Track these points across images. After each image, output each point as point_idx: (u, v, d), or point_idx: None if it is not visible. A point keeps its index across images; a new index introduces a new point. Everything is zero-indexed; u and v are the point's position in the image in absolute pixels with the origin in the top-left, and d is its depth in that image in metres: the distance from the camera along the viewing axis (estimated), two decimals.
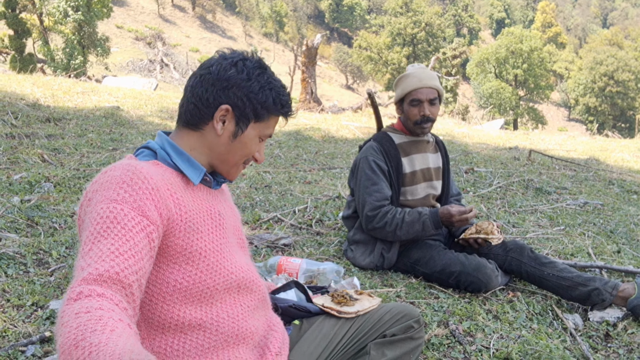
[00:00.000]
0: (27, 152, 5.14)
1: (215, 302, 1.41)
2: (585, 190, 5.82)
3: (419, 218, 2.86)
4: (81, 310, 0.99)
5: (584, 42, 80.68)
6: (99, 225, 1.18)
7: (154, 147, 1.45)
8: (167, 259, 1.34)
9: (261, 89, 1.44)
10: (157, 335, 1.36)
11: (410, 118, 2.98)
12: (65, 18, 27.70)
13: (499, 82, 45.83)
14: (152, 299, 1.34)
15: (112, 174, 1.29)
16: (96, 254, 1.13)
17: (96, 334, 0.93)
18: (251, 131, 1.46)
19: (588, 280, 2.72)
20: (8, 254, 2.77)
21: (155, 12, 62.64)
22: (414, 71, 2.97)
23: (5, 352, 1.97)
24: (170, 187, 1.36)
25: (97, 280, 1.08)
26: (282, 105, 1.48)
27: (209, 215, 1.44)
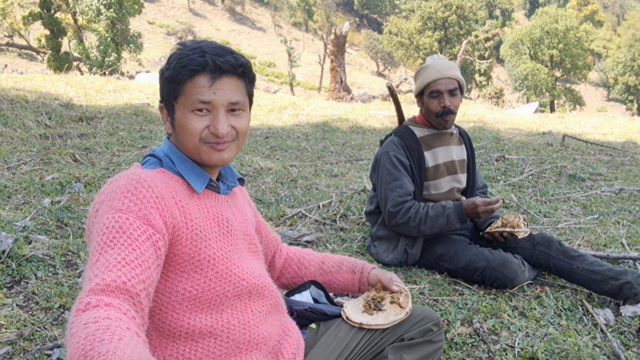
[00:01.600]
0: (59, 152, 5.25)
1: (226, 309, 1.41)
2: (621, 176, 5.64)
3: (443, 212, 2.81)
4: (89, 320, 1.00)
5: (622, 19, 77.93)
6: (105, 236, 1.19)
7: (159, 155, 1.45)
8: (175, 267, 1.34)
9: (168, 69, 1.38)
10: (169, 344, 1.36)
11: (431, 110, 2.92)
12: (98, 16, 28.14)
13: (534, 64, 44.72)
14: (161, 307, 1.34)
15: (118, 183, 1.29)
16: (103, 264, 1.14)
17: (104, 343, 0.93)
18: (179, 112, 1.38)
19: (620, 273, 2.63)
20: (38, 257, 2.83)
21: (186, 7, 63.20)
22: (432, 62, 2.91)
23: (32, 355, 2.03)
24: (176, 195, 1.35)
25: (104, 291, 1.09)
26: (184, 67, 1.34)
27: (216, 223, 1.43)
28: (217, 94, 1.36)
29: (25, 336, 2.15)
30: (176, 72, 1.35)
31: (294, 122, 8.72)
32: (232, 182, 1.57)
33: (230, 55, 1.38)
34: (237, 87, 1.40)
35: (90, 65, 27.35)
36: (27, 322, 2.26)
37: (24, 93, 7.87)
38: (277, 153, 6.23)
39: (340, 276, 1.84)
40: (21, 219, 3.31)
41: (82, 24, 29.89)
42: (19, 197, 3.80)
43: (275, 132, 7.71)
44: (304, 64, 49.97)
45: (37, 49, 33.91)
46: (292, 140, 7.05)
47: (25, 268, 2.71)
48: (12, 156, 5.04)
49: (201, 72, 1.34)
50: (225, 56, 1.37)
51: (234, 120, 1.41)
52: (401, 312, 1.70)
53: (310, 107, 9.87)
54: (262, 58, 53.95)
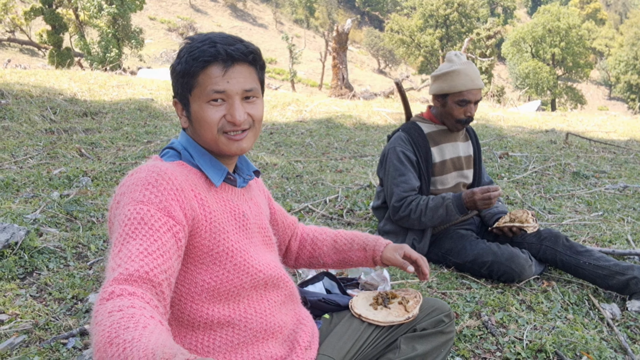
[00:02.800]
0: (65, 146, 5.28)
1: (243, 299, 1.43)
2: (625, 174, 5.66)
3: (442, 202, 2.83)
4: (114, 309, 1.02)
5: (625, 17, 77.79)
6: (127, 227, 1.21)
7: (178, 148, 1.47)
8: (194, 259, 1.36)
9: (179, 63, 1.39)
10: (188, 333, 1.39)
11: (453, 115, 2.93)
12: (99, 12, 28.14)
13: (536, 62, 44.64)
14: (181, 298, 1.37)
15: (138, 176, 1.32)
16: (126, 254, 1.16)
17: (129, 331, 0.96)
18: (194, 104, 1.39)
19: (626, 268, 2.65)
20: (49, 249, 2.86)
21: (187, 3, 63.13)
22: (464, 68, 2.86)
23: (48, 344, 2.06)
24: (195, 188, 1.37)
25: (127, 280, 1.11)
26: (195, 59, 1.36)
27: (233, 216, 1.45)
28: (231, 82, 1.37)
29: (40, 325, 2.18)
30: (188, 65, 1.37)
31: (298, 118, 8.74)
32: (248, 174, 1.59)
33: (240, 43, 1.40)
34: (249, 74, 1.41)
35: (91, 60, 27.35)
36: (42, 312, 2.29)
37: (28, 88, 7.88)
38: (282, 149, 6.25)
39: (353, 254, 1.82)
40: (31, 211, 3.34)
41: (83, 20, 29.89)
42: (28, 191, 3.83)
43: (279, 128, 7.73)
44: (305, 60, 49.94)
45: (38, 44, 33.90)
46: (296, 136, 7.07)
47: (37, 260, 2.74)
48: (19, 150, 5.06)
49: (213, 62, 1.36)
50: (235, 44, 1.38)
51: (249, 107, 1.42)
52: (403, 315, 1.70)
53: (314, 104, 9.88)
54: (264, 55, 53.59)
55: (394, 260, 1.75)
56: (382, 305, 1.78)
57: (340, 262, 1.85)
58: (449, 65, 2.92)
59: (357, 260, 1.83)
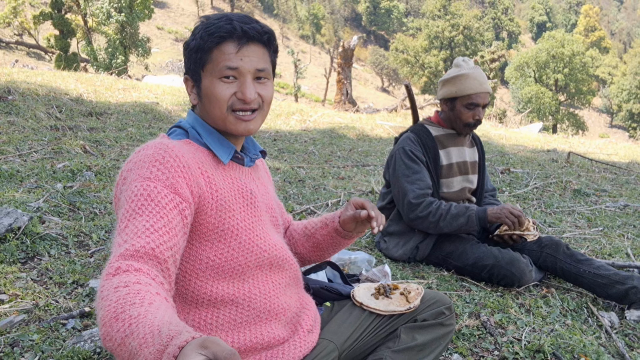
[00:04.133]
0: (70, 143, 5.30)
1: (247, 278, 1.43)
2: (626, 194, 5.68)
3: (465, 212, 2.82)
4: (120, 284, 1.03)
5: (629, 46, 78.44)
6: (133, 203, 1.22)
7: (185, 126, 1.47)
8: (200, 236, 1.37)
9: (194, 39, 1.40)
10: (192, 310, 1.39)
11: (462, 119, 2.95)
12: (108, 19, 28.39)
13: (539, 87, 44.89)
14: (185, 275, 1.37)
15: (145, 152, 1.32)
16: (132, 230, 1.17)
17: (135, 306, 0.96)
18: (206, 80, 1.40)
19: (626, 278, 2.66)
20: (51, 235, 2.87)
21: (195, 14, 63.64)
22: (473, 72, 2.90)
23: (47, 324, 2.06)
24: (202, 166, 1.38)
25: (134, 256, 1.12)
26: (211, 34, 1.36)
27: (241, 194, 1.45)
28: (244, 60, 1.38)
29: (40, 306, 2.18)
30: (203, 41, 1.38)
31: (301, 127, 8.78)
32: (255, 154, 1.59)
33: (256, 23, 1.41)
34: (263, 54, 1.42)
35: (97, 67, 27.53)
36: (42, 295, 2.30)
37: (34, 87, 7.93)
38: (285, 155, 6.28)
39: (319, 233, 1.77)
40: (34, 200, 3.35)
41: (91, 26, 30.14)
42: (32, 182, 3.84)
43: (282, 135, 7.76)
44: (309, 76, 50.22)
45: (45, 48, 34.18)
46: (299, 144, 7.10)
47: (39, 245, 2.75)
48: (24, 144, 5.08)
49: (228, 39, 1.37)
50: (251, 23, 1.39)
51: (260, 87, 1.43)
52: (404, 305, 1.71)
53: (318, 114, 9.93)
54: None
55: (349, 217, 1.68)
56: (383, 295, 1.79)
57: (313, 248, 1.80)
58: (457, 69, 2.96)
59: (324, 239, 1.77)
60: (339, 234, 1.74)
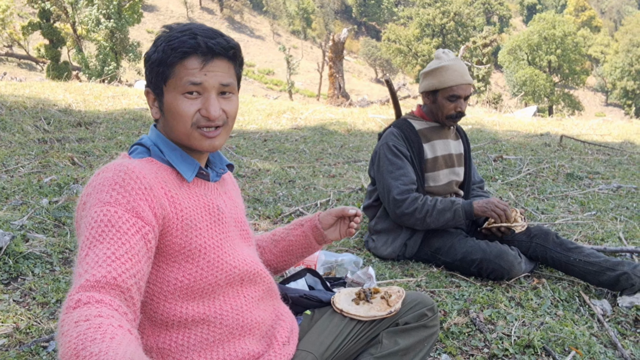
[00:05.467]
0: (57, 155, 5.26)
1: (218, 296, 1.40)
2: (619, 174, 5.65)
3: (451, 206, 2.80)
4: (80, 318, 0.98)
5: (620, 24, 78.17)
6: (93, 230, 1.17)
7: (147, 144, 1.43)
8: (166, 257, 1.33)
9: (155, 52, 1.35)
10: (162, 332, 1.36)
11: (444, 111, 2.93)
12: (97, 26, 28.30)
13: (532, 69, 44.84)
14: (153, 297, 1.33)
15: (105, 175, 1.27)
16: (92, 259, 1.12)
17: (96, 342, 0.92)
18: (168, 95, 1.36)
19: (616, 264, 2.63)
20: (35, 254, 2.84)
21: (184, 16, 63.47)
22: (453, 64, 2.88)
23: (28, 347, 2.03)
24: (165, 185, 1.34)
25: (94, 287, 1.07)
26: (174, 48, 1.32)
27: (207, 211, 1.41)
28: (208, 75, 1.34)
29: (21, 329, 2.15)
30: (166, 55, 1.33)
31: (292, 125, 8.74)
32: (221, 168, 1.55)
33: (221, 37, 1.37)
34: (228, 69, 1.38)
35: (89, 74, 27.47)
36: (24, 316, 2.26)
37: (22, 99, 7.89)
38: (275, 155, 6.24)
39: (291, 235, 1.77)
40: (18, 218, 3.31)
41: (81, 34, 30.06)
42: (17, 198, 3.80)
43: (273, 135, 7.72)
44: (302, 71, 50.10)
45: (36, 58, 34.09)
46: (290, 143, 7.07)
47: (23, 265, 2.72)
48: (11, 160, 5.05)
49: (192, 54, 1.33)
50: (216, 38, 1.36)
51: (224, 103, 1.39)
52: (385, 309, 1.68)
53: (309, 111, 9.89)
54: (261, 66, 54.09)
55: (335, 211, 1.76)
56: (364, 300, 1.76)
57: (282, 253, 1.79)
58: (438, 62, 2.93)
59: (297, 241, 1.78)
60: (315, 233, 1.76)
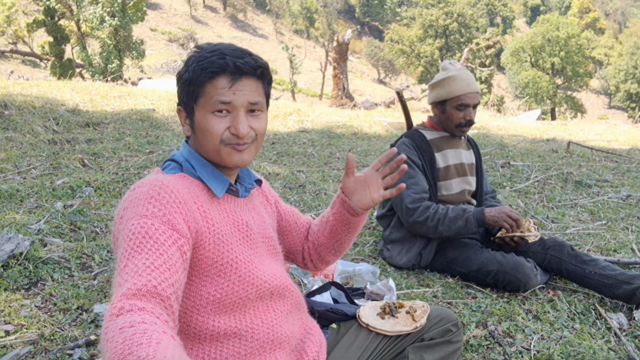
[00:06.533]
0: (68, 157, 5.28)
1: (249, 310, 1.43)
2: (628, 182, 5.66)
3: (463, 214, 2.82)
4: (125, 325, 1.01)
5: (624, 26, 78.12)
6: (132, 242, 1.20)
7: (179, 160, 1.47)
8: (199, 272, 1.36)
9: (187, 72, 1.40)
10: (195, 345, 1.39)
11: (453, 121, 2.96)
12: (101, 24, 28.28)
13: (535, 71, 44.78)
14: (186, 311, 1.36)
15: (141, 190, 1.32)
16: (132, 269, 1.15)
17: (143, 347, 0.94)
18: (198, 113, 1.40)
19: (632, 277, 2.65)
20: (54, 259, 2.86)
21: (188, 14, 63.48)
22: (459, 73, 2.92)
23: (54, 355, 2.05)
24: (197, 200, 1.37)
25: (136, 295, 1.10)
26: (204, 69, 1.36)
27: (236, 227, 1.44)
28: (237, 94, 1.37)
29: (45, 336, 2.17)
30: (196, 75, 1.37)
31: (299, 128, 8.76)
32: (250, 184, 1.58)
33: (249, 57, 1.40)
34: (256, 87, 1.41)
35: (93, 72, 27.46)
36: (47, 323, 2.28)
37: (31, 99, 7.91)
38: (284, 159, 6.26)
39: (331, 215, 1.71)
40: (35, 222, 3.34)
41: (85, 32, 30.05)
42: (32, 201, 3.83)
43: (281, 138, 7.74)
44: (305, 71, 50.14)
45: (40, 55, 34.09)
46: (298, 146, 7.08)
47: (42, 270, 2.74)
48: (22, 161, 5.07)
49: (221, 74, 1.36)
50: (244, 58, 1.39)
51: (253, 121, 1.42)
52: (411, 324, 1.70)
53: (315, 114, 9.91)
54: None
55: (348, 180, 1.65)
56: (389, 314, 1.78)
57: (331, 234, 1.73)
58: (445, 72, 2.98)
59: (335, 220, 1.70)
60: (345, 207, 1.66)
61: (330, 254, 1.80)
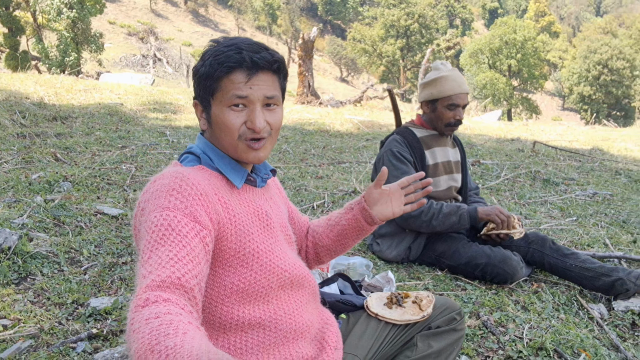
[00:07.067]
0: (40, 151, 5.16)
1: (271, 299, 1.45)
2: (593, 181, 5.90)
3: (457, 211, 2.92)
4: (150, 316, 1.02)
5: (578, 30, 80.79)
6: (154, 234, 1.21)
7: (197, 152, 1.48)
8: (222, 262, 1.38)
9: (203, 66, 1.41)
10: (220, 335, 1.40)
11: (443, 120, 3.04)
12: (59, 15, 27.47)
13: (493, 73, 45.85)
14: (211, 301, 1.38)
15: (162, 182, 1.33)
16: (156, 261, 1.16)
17: (170, 337, 0.95)
18: (216, 108, 1.41)
19: (611, 270, 2.79)
20: (42, 253, 2.81)
21: (147, 7, 62.25)
22: (451, 74, 3.01)
23: (57, 348, 2.03)
24: (218, 192, 1.39)
25: (160, 286, 1.11)
26: (221, 63, 1.37)
27: (257, 217, 1.47)
28: (254, 88, 1.39)
29: (45, 330, 2.15)
30: (212, 69, 1.38)
31: None
32: (266, 173, 1.60)
33: (266, 51, 1.42)
34: (272, 82, 1.43)
35: (49, 65, 26.67)
36: (44, 317, 2.26)
37: None
38: None
39: (343, 220, 1.76)
40: (17, 216, 3.26)
41: (41, 23, 29.13)
42: (9, 195, 3.73)
43: None
44: None
45: None
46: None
47: (31, 265, 2.69)
48: None
49: (238, 69, 1.38)
50: (261, 52, 1.40)
51: (268, 115, 1.44)
52: (418, 314, 1.76)
53: (286, 111, 9.92)
54: None
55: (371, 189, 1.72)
56: (396, 304, 1.83)
57: (338, 237, 1.78)
58: (437, 72, 3.06)
59: (349, 225, 1.75)
60: (364, 215, 1.72)
61: (328, 256, 1.85)
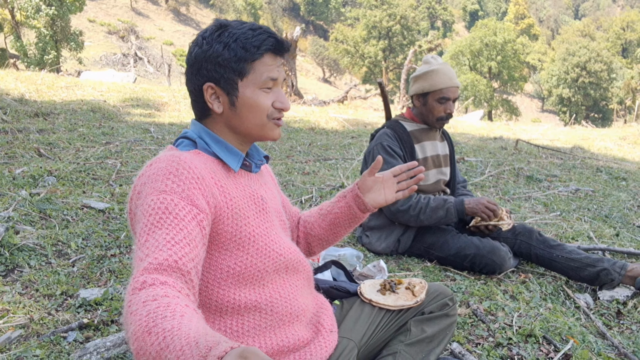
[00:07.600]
0: (23, 146, 5.09)
1: (267, 283, 1.46)
2: (575, 178, 6.00)
3: (444, 205, 2.94)
4: (148, 298, 1.02)
5: (557, 33, 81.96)
6: (151, 217, 1.22)
7: (192, 137, 1.48)
8: (218, 245, 1.38)
9: (226, 47, 1.39)
10: (216, 318, 1.41)
11: (434, 113, 3.06)
12: (37, 13, 27.09)
13: (474, 75, 46.30)
14: (207, 285, 1.38)
15: (158, 165, 1.33)
16: (153, 244, 1.17)
17: (167, 320, 0.96)
18: (246, 90, 1.41)
19: (596, 261, 2.84)
20: (28, 246, 2.77)
21: (128, 6, 61.68)
22: (442, 67, 3.02)
23: (47, 338, 2.01)
24: (214, 176, 1.39)
25: (157, 269, 1.12)
26: (257, 47, 1.39)
27: (253, 201, 1.47)
28: (279, 70, 1.44)
29: (35, 320, 2.12)
30: (245, 51, 1.39)
31: None
32: (260, 159, 1.61)
33: (279, 35, 1.46)
34: (282, 64, 1.48)
35: (28, 63, 26.30)
36: (33, 308, 2.23)
37: None
38: None
39: (337, 208, 1.78)
40: (3, 210, 3.22)
41: (20, 20, 28.70)
42: None
43: None
44: None
45: None
46: None
47: (18, 257, 2.66)
48: None
49: (269, 51, 1.41)
50: (279, 36, 1.45)
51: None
52: (411, 299, 1.79)
53: None
54: None
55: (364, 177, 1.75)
56: (390, 290, 1.85)
57: (330, 226, 1.81)
58: (428, 66, 3.07)
59: (342, 213, 1.78)
60: (357, 202, 1.75)
61: (319, 246, 1.87)
